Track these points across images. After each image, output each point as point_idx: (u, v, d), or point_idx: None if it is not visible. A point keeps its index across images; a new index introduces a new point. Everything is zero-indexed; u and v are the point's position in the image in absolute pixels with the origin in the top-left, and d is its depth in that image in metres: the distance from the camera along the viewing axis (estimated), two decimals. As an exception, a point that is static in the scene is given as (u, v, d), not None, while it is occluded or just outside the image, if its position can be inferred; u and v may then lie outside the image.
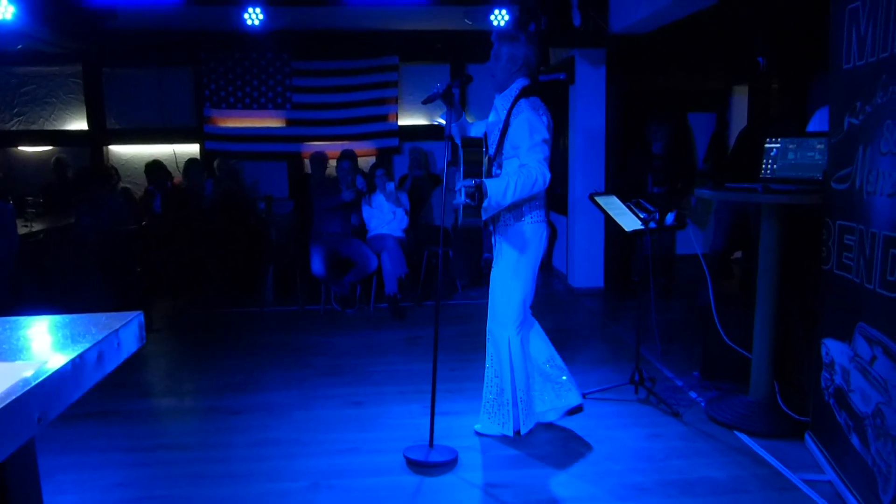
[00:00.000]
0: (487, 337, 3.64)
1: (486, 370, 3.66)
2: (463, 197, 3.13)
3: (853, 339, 2.95)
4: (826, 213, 3.28)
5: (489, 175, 3.46)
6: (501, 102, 3.43)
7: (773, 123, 5.68)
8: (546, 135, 3.26)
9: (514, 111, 3.31)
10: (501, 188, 3.13)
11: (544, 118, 3.30)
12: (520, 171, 3.21)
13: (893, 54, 2.63)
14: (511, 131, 3.29)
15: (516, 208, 3.38)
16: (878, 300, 2.71)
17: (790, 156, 3.74)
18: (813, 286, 3.52)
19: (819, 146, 3.60)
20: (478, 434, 3.69)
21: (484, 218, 3.26)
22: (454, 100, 3.42)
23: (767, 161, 3.82)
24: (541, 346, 3.69)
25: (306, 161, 8.33)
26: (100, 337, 1.03)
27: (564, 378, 3.69)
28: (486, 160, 3.51)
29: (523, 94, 3.35)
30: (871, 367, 2.77)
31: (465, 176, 3.34)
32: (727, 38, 6.63)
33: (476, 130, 3.63)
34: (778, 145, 3.79)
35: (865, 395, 2.81)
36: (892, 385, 2.57)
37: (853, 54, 3.00)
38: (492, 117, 3.53)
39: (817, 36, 3.54)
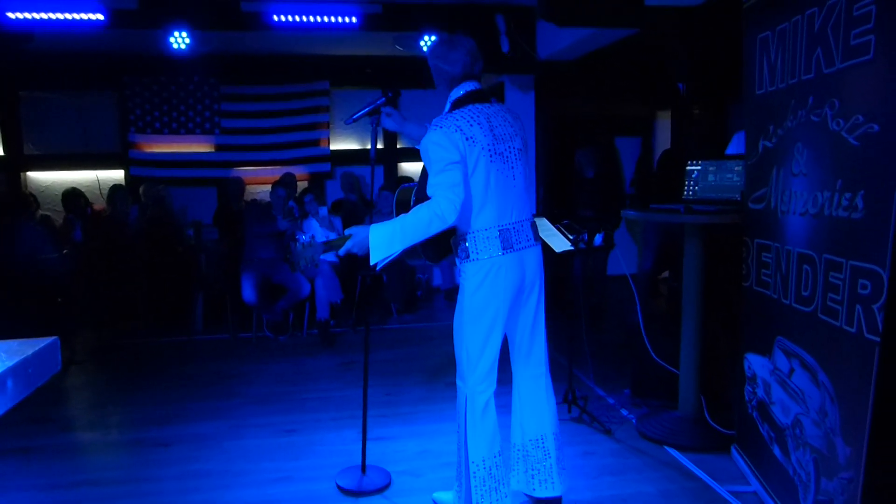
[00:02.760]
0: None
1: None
2: (298, 246, 2.71)
3: (773, 353, 3.06)
4: (745, 231, 3.41)
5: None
6: None
7: (694, 146, 5.90)
8: (455, 156, 2.61)
9: None
10: (387, 235, 2.61)
11: (457, 134, 2.65)
12: (410, 211, 2.65)
13: (801, 81, 2.78)
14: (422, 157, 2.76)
15: (459, 242, 2.80)
16: (794, 314, 2.83)
17: (710, 177, 3.89)
18: (735, 303, 3.65)
19: (737, 168, 3.75)
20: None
21: (375, 261, 2.63)
22: (393, 117, 3.12)
23: (689, 183, 3.95)
24: (533, 418, 3.03)
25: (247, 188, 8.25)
26: (10, 363, 0.99)
27: (548, 464, 3.03)
28: None
29: (452, 108, 2.82)
30: (789, 379, 2.88)
31: (397, 214, 2.81)
32: (649, 66, 6.87)
33: None
34: (699, 168, 3.93)
35: (785, 406, 2.92)
36: (809, 396, 2.68)
37: (765, 81, 3.15)
38: None
39: (734, 63, 3.70)
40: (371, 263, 2.62)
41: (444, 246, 2.90)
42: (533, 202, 3.01)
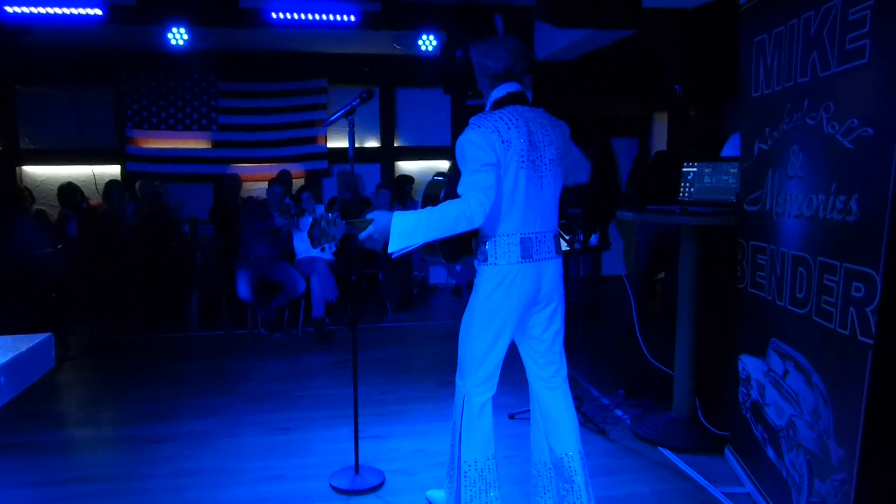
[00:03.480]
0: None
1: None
2: (323, 222, 2.73)
3: (767, 355, 3.07)
4: (740, 233, 3.42)
5: None
6: None
7: (690, 148, 5.91)
8: (492, 157, 2.58)
9: None
10: (410, 225, 2.56)
11: (494, 135, 2.61)
12: (438, 205, 2.62)
13: (797, 84, 2.78)
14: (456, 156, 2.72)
15: (479, 245, 2.77)
16: (789, 317, 2.84)
17: (706, 179, 3.89)
18: (730, 304, 3.66)
19: (732, 170, 3.76)
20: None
21: (393, 249, 2.58)
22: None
23: (685, 184, 3.96)
24: (555, 435, 2.91)
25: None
26: (3, 360, 0.99)
27: (576, 483, 2.86)
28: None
29: (492, 108, 2.78)
30: (783, 381, 2.88)
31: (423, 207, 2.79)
32: (646, 67, 6.88)
33: None
34: (695, 169, 3.94)
35: (779, 408, 2.92)
36: (803, 398, 2.69)
37: (761, 83, 3.16)
38: None
39: (731, 65, 3.71)
40: (388, 251, 2.59)
41: (464, 246, 2.85)
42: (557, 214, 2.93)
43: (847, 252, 2.39)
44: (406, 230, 2.56)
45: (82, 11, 5.78)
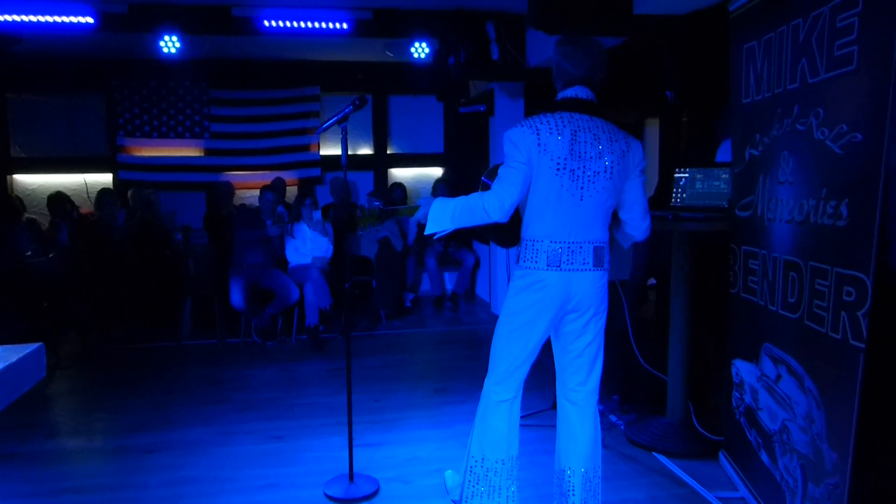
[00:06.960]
0: None
1: None
2: (368, 211, 3.04)
3: (760, 360, 3.08)
4: (732, 239, 3.43)
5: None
6: None
7: (682, 154, 5.93)
8: (523, 157, 2.61)
9: None
10: (442, 211, 2.71)
11: (532, 137, 2.62)
12: (469, 195, 2.72)
13: (787, 90, 2.80)
14: None
15: (522, 249, 2.78)
16: (781, 321, 2.85)
17: (698, 185, 3.91)
18: (722, 309, 3.67)
19: (724, 176, 3.78)
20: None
21: (428, 231, 2.74)
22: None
23: (677, 190, 3.98)
24: (564, 447, 2.90)
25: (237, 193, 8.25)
26: (-5, 370, 0.98)
27: (570, 502, 2.85)
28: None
29: (552, 109, 2.78)
30: (776, 385, 2.89)
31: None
32: (637, 73, 6.91)
33: None
34: (686, 175, 3.96)
35: (772, 412, 2.93)
36: (796, 402, 2.70)
37: (751, 90, 3.18)
38: None
39: (722, 71, 3.72)
40: (425, 233, 2.76)
41: (514, 236, 2.87)
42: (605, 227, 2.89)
43: (838, 256, 2.40)
44: (439, 215, 2.71)
45: (74, 20, 5.76)
